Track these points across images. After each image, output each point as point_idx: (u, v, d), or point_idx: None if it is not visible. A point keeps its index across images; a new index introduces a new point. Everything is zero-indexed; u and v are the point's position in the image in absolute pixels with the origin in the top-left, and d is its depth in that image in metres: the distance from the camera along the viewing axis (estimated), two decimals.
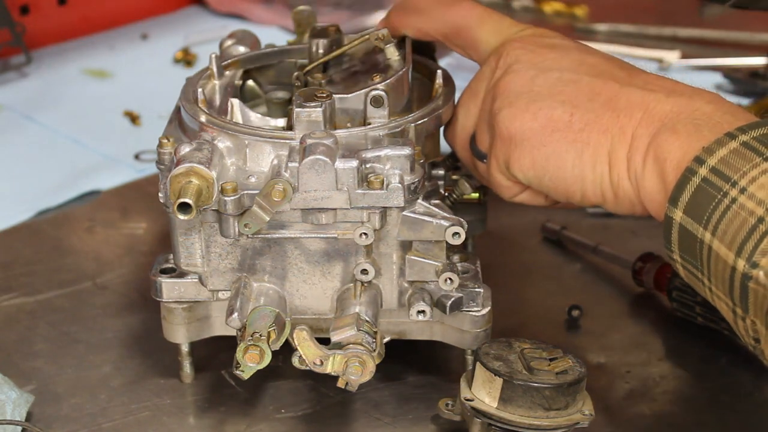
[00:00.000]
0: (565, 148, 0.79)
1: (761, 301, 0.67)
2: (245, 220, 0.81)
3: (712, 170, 0.70)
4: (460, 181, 0.91)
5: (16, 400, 0.84)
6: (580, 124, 0.79)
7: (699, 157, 0.71)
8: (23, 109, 1.37)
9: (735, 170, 0.69)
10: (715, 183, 0.70)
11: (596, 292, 1.02)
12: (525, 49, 0.84)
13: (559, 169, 0.80)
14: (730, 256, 0.69)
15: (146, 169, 1.23)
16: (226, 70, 0.95)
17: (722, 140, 0.71)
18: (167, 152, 0.85)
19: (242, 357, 0.80)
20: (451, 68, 0.98)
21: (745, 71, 1.41)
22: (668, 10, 1.65)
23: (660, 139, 0.74)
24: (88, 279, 1.05)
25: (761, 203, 0.68)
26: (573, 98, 0.80)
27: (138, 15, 1.61)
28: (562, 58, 0.82)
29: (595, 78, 0.80)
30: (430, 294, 0.85)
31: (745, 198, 0.68)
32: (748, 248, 0.68)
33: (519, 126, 0.81)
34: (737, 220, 0.69)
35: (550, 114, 0.80)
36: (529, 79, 0.82)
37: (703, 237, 0.71)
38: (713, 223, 0.70)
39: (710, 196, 0.70)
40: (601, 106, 0.79)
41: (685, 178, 0.71)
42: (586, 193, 0.80)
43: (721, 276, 0.70)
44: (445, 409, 0.84)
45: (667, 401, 0.88)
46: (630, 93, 0.78)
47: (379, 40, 0.92)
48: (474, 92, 0.87)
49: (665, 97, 0.77)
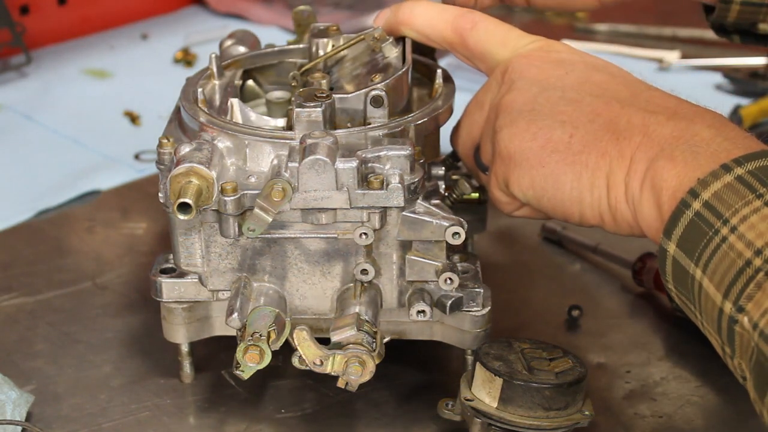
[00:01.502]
0: (563, 169, 0.79)
1: (746, 345, 0.67)
2: (248, 224, 0.81)
3: (705, 205, 0.69)
4: (460, 181, 0.91)
5: (16, 400, 0.84)
6: (579, 146, 0.78)
7: (694, 189, 0.70)
8: (23, 109, 1.37)
9: (727, 207, 0.68)
10: (707, 219, 0.69)
11: (596, 292, 1.02)
12: (530, 65, 0.83)
13: (557, 191, 0.79)
14: (718, 297, 0.68)
15: (146, 169, 1.23)
16: (226, 70, 0.95)
17: (717, 173, 0.70)
18: (167, 152, 0.85)
19: (242, 357, 0.80)
20: (451, 68, 0.98)
21: (745, 71, 1.41)
22: (668, 10, 1.65)
23: (657, 166, 0.73)
24: (88, 279, 1.05)
25: (750, 245, 0.67)
26: (574, 119, 0.79)
27: (138, 15, 1.61)
28: (566, 75, 0.81)
29: (597, 98, 0.79)
30: (430, 294, 0.85)
31: (735, 238, 0.67)
32: (735, 291, 0.67)
33: (518, 145, 0.80)
34: (726, 260, 0.68)
35: (550, 134, 0.79)
36: (531, 97, 0.81)
37: (694, 273, 0.70)
38: (704, 260, 0.69)
39: (702, 232, 0.69)
40: (601, 128, 0.78)
41: (679, 211, 0.71)
42: (585, 214, 0.79)
43: (710, 314, 0.69)
44: (445, 409, 0.84)
45: (667, 401, 0.88)
46: (631, 114, 0.77)
47: (375, 40, 0.92)
48: (480, 104, 0.87)
49: (666, 119, 0.76)
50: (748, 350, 0.66)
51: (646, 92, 0.80)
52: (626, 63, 0.85)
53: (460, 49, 0.89)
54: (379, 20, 0.93)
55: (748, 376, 0.68)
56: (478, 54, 0.88)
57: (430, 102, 0.90)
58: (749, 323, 0.66)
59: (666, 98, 0.79)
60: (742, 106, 1.29)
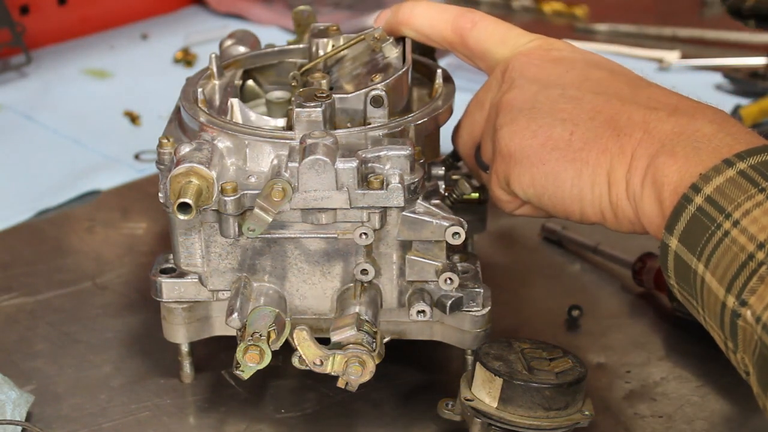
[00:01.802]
0: (563, 167, 0.78)
1: (749, 339, 0.66)
2: (248, 224, 0.81)
3: (708, 199, 0.69)
4: (460, 181, 0.91)
5: (16, 400, 0.84)
6: (580, 143, 0.78)
7: (696, 184, 0.70)
8: (23, 109, 1.37)
9: (729, 201, 0.68)
10: (709, 213, 0.69)
11: (596, 292, 1.02)
12: (530, 63, 0.83)
13: (557, 188, 0.79)
14: (720, 291, 0.68)
15: (146, 169, 1.23)
16: (226, 70, 0.95)
17: (719, 167, 0.70)
18: (167, 152, 0.85)
19: (242, 357, 0.80)
20: (451, 68, 0.98)
21: (745, 71, 1.41)
22: (668, 10, 1.66)
23: (658, 162, 0.73)
24: (88, 279, 1.05)
25: (753, 239, 0.67)
26: (574, 116, 0.79)
27: (138, 15, 1.61)
28: (566, 73, 0.81)
29: (597, 95, 0.79)
30: (430, 294, 0.85)
31: (738, 232, 0.67)
32: (738, 285, 0.67)
33: (519, 143, 0.80)
34: (729, 254, 0.67)
35: (550, 132, 0.79)
36: (531, 95, 0.81)
37: (696, 268, 0.70)
38: (706, 255, 0.69)
39: (704, 226, 0.69)
40: (602, 125, 0.78)
41: (681, 206, 0.70)
42: (586, 212, 0.79)
43: (712, 309, 0.69)
44: (445, 409, 0.84)
45: (667, 401, 0.88)
46: (632, 111, 0.77)
47: (375, 40, 0.92)
48: (480, 103, 0.87)
49: (667, 116, 0.75)
50: (752, 344, 0.66)
51: (646, 89, 0.80)
52: (626, 63, 0.84)
53: (460, 48, 0.89)
54: (380, 20, 0.93)
55: (751, 371, 0.67)
56: (479, 53, 0.88)
57: (430, 102, 0.90)
58: (752, 317, 0.66)
59: (667, 95, 0.78)
60: (742, 106, 1.29)
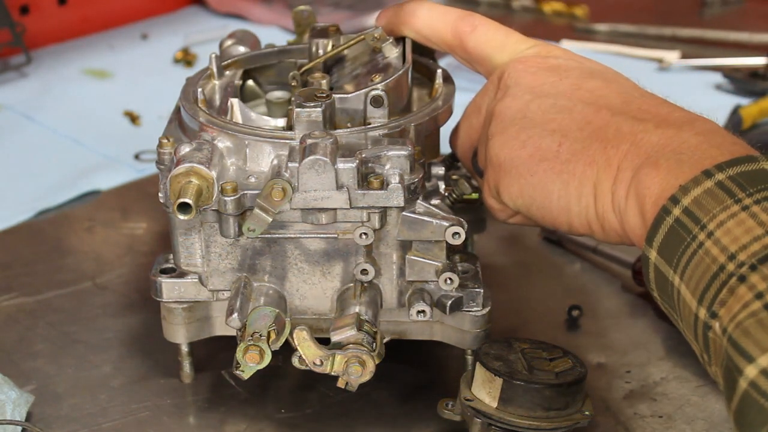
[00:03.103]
0: (551, 178, 0.78)
1: (719, 352, 0.65)
2: (248, 224, 0.81)
3: (685, 211, 0.68)
4: (460, 181, 0.91)
5: (16, 400, 0.84)
6: (567, 155, 0.78)
7: (674, 196, 0.69)
8: (23, 109, 1.37)
9: (706, 212, 0.67)
10: (686, 225, 0.68)
11: (596, 292, 1.02)
12: (526, 71, 0.82)
13: (545, 200, 0.79)
14: (693, 303, 0.67)
15: (146, 169, 1.23)
16: (226, 70, 0.95)
17: (698, 179, 0.69)
18: (167, 152, 0.85)
19: (242, 357, 0.80)
20: (451, 68, 0.98)
21: (745, 71, 1.41)
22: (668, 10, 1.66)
23: (642, 174, 0.73)
24: (88, 279, 1.05)
25: (724, 250, 0.66)
26: (563, 127, 0.78)
27: (138, 15, 1.62)
28: (560, 81, 0.81)
29: (588, 105, 0.79)
30: (430, 294, 0.85)
31: (711, 243, 0.66)
32: (709, 297, 0.66)
33: (508, 153, 0.80)
34: (702, 266, 0.67)
35: (539, 143, 0.79)
36: (523, 105, 0.81)
37: (673, 280, 0.69)
38: (681, 266, 0.68)
39: (680, 238, 0.68)
40: (590, 136, 0.77)
41: (660, 218, 0.70)
42: (573, 224, 0.79)
43: (687, 321, 0.69)
44: (445, 409, 0.84)
45: (667, 401, 0.88)
46: (620, 123, 0.76)
47: (375, 40, 0.92)
48: (478, 107, 0.87)
49: (654, 127, 0.75)
50: (720, 356, 0.65)
51: (638, 99, 0.79)
52: (626, 63, 0.85)
53: (459, 52, 0.89)
54: (381, 20, 0.93)
55: (722, 384, 0.66)
56: (477, 57, 0.88)
57: (430, 102, 0.90)
58: (720, 329, 0.65)
59: (659, 105, 0.78)
60: (742, 106, 1.29)
